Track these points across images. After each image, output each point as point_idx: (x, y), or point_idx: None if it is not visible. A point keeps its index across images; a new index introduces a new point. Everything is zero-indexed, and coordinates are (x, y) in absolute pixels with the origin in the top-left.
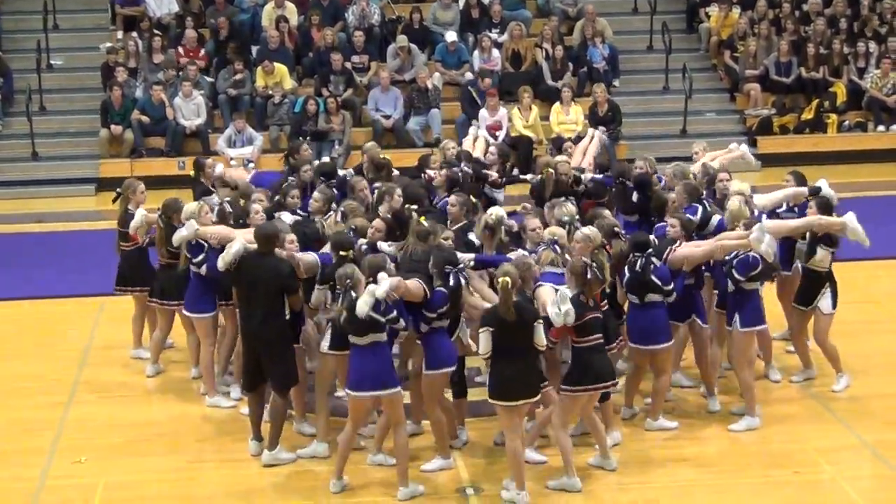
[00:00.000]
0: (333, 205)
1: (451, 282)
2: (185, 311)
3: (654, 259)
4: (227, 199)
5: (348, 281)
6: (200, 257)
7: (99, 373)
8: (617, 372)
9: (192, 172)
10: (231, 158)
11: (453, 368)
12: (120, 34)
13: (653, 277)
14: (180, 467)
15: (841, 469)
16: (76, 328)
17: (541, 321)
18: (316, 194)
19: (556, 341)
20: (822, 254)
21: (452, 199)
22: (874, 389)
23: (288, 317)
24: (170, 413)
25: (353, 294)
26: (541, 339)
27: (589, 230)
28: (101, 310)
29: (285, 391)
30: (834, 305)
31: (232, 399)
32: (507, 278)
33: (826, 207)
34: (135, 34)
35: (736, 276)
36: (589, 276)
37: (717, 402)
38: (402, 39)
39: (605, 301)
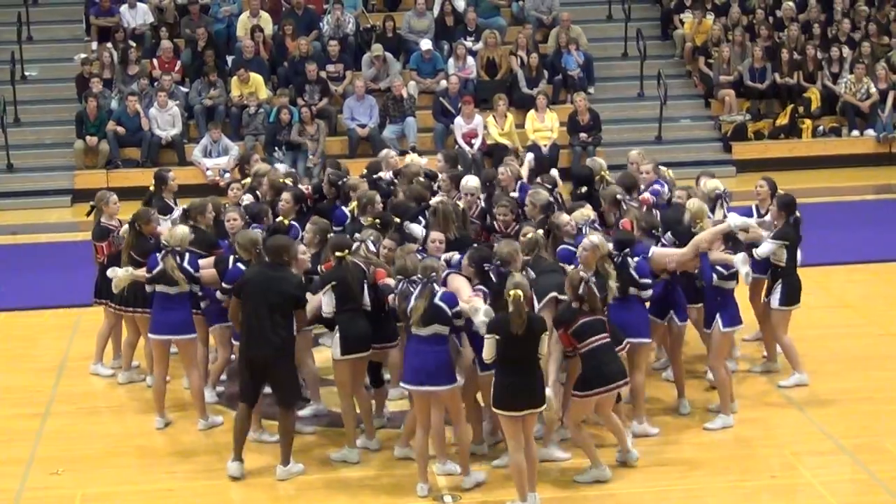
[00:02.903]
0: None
1: (494, 279)
2: (172, 337)
3: (629, 257)
4: (185, 209)
5: (433, 274)
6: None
7: (75, 384)
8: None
9: (151, 186)
10: (207, 168)
11: None
12: (94, 45)
13: (632, 272)
14: (157, 479)
15: (818, 473)
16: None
17: (548, 332)
18: (308, 226)
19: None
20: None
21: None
22: (850, 393)
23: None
24: (146, 425)
25: (434, 286)
26: (545, 348)
27: (597, 238)
28: (77, 321)
29: (293, 406)
30: (783, 302)
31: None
32: (519, 291)
33: (789, 206)
34: (109, 45)
35: (721, 270)
36: (581, 291)
37: (688, 404)
38: (377, 48)
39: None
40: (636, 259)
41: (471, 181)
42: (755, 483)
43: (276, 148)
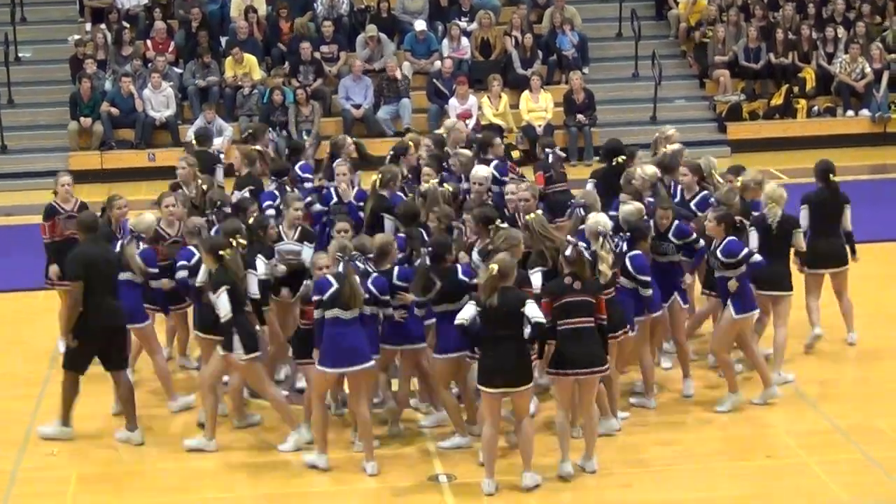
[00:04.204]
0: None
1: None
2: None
3: (624, 243)
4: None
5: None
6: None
7: None
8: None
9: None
10: None
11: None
12: (88, 26)
13: (627, 262)
14: (152, 458)
15: (813, 453)
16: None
17: (531, 301)
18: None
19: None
20: None
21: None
22: (845, 374)
23: None
24: (141, 405)
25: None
26: (534, 311)
27: (590, 218)
28: None
29: (126, 368)
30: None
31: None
32: (496, 266)
33: (824, 172)
34: (103, 26)
35: (723, 259)
36: (570, 254)
37: (692, 385)
38: (371, 29)
39: (613, 290)
40: (634, 253)
41: (480, 171)
42: (751, 463)
43: (271, 129)
